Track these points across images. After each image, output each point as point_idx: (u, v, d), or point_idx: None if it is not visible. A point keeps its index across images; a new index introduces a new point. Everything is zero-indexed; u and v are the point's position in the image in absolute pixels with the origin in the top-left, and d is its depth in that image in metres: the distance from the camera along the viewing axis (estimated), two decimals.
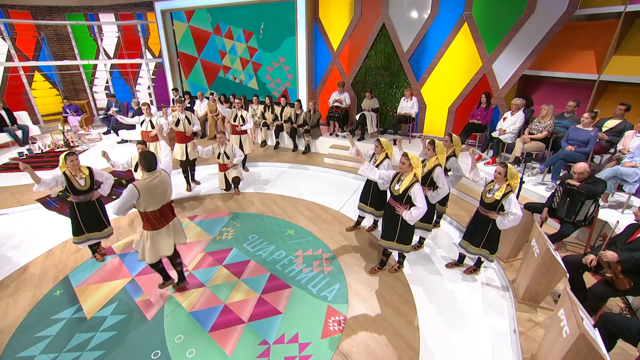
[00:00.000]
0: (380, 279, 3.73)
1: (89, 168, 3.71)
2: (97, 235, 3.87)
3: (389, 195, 3.50)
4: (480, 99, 5.99)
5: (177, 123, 5.53)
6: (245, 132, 6.39)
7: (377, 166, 3.95)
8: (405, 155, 3.25)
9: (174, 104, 9.02)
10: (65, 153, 3.56)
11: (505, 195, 3.14)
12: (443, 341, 2.99)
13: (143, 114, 5.55)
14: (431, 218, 4.01)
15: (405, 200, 3.23)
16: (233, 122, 6.24)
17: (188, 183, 5.88)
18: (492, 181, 3.34)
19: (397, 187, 3.31)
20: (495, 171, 3.22)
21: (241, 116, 6.22)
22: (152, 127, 5.54)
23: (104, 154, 4.17)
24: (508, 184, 3.16)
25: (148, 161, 2.92)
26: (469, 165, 3.70)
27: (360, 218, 4.63)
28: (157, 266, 3.34)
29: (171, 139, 6.89)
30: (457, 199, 5.38)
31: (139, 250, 3.15)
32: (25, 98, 9.50)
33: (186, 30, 9.43)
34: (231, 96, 8.24)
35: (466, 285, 3.66)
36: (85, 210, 3.69)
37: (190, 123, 5.61)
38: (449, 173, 4.03)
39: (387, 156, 3.98)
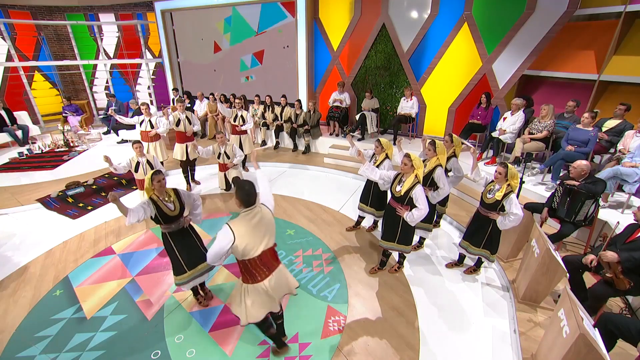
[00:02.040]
0: (380, 279, 3.73)
1: (174, 190, 3.04)
2: (201, 270, 3.18)
3: (389, 196, 3.49)
4: (480, 99, 5.99)
5: (178, 123, 5.54)
6: (245, 132, 6.39)
7: (377, 167, 3.94)
8: (407, 156, 3.24)
9: (174, 103, 9.04)
10: (151, 173, 2.89)
11: (505, 195, 3.14)
12: (443, 341, 2.99)
13: (142, 114, 5.55)
14: (431, 218, 4.01)
15: (407, 201, 3.22)
16: (233, 122, 6.24)
17: (188, 183, 5.88)
18: (493, 181, 3.33)
19: (398, 188, 3.30)
20: (496, 171, 3.21)
21: (241, 116, 6.22)
22: (152, 127, 5.54)
23: (107, 159, 4.15)
24: (508, 184, 3.16)
25: (247, 193, 2.21)
26: (470, 165, 3.70)
27: (360, 218, 4.63)
28: (264, 325, 2.62)
29: (171, 139, 6.91)
30: (457, 199, 5.38)
31: (240, 312, 2.44)
32: (25, 98, 9.50)
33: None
34: (231, 96, 8.24)
35: (466, 286, 3.66)
36: (181, 241, 3.04)
37: (190, 123, 5.62)
38: (450, 174, 4.02)
39: (387, 156, 3.97)
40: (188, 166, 5.75)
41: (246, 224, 2.21)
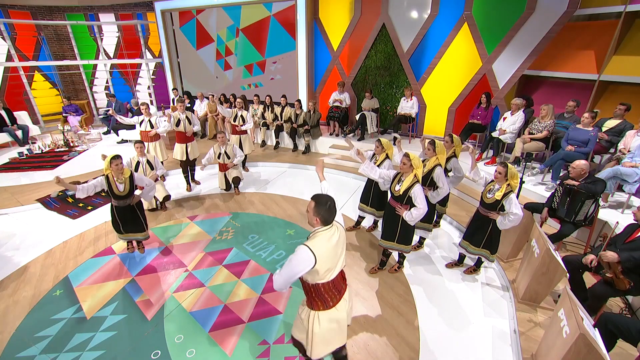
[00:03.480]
0: (380, 279, 3.73)
1: (130, 174, 3.67)
2: (134, 236, 3.96)
3: (389, 195, 3.50)
4: (480, 99, 5.99)
5: (178, 123, 5.53)
6: (245, 132, 6.39)
7: (377, 167, 3.95)
8: (406, 155, 3.25)
9: (174, 103, 9.05)
10: (111, 156, 3.55)
11: (505, 195, 3.14)
12: (443, 341, 2.99)
13: (142, 113, 5.55)
14: (431, 218, 4.01)
15: (406, 200, 3.23)
16: (233, 122, 6.24)
17: (188, 183, 5.88)
18: (492, 181, 3.33)
19: (397, 187, 3.31)
20: (496, 171, 3.21)
21: (241, 116, 6.21)
22: (151, 126, 5.54)
23: (104, 158, 4.15)
24: (508, 184, 3.16)
25: (330, 210, 1.93)
26: (469, 165, 3.70)
27: (361, 218, 4.63)
28: None
29: (171, 138, 6.91)
30: (457, 199, 5.38)
31: (305, 340, 2.17)
32: (25, 98, 9.51)
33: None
34: (231, 96, 8.24)
35: (466, 285, 3.66)
36: (123, 214, 3.77)
37: (190, 123, 5.61)
38: (450, 174, 4.03)
39: (387, 156, 3.98)
40: (188, 166, 5.75)
41: (326, 244, 1.92)
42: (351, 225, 4.72)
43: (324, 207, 1.91)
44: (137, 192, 3.85)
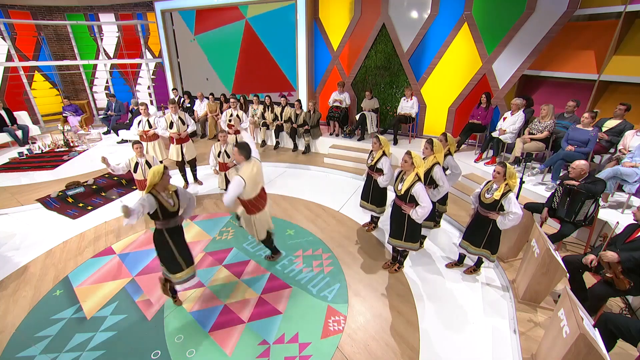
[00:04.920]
0: (380, 279, 3.73)
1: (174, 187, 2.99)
2: (195, 268, 3.18)
3: (393, 194, 3.52)
4: (480, 99, 5.99)
5: (171, 125, 5.46)
6: (240, 131, 6.36)
7: (375, 164, 4.03)
8: (408, 153, 3.26)
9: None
10: (162, 167, 2.78)
11: (504, 195, 3.14)
12: (443, 341, 2.99)
13: (141, 114, 5.55)
14: (433, 216, 4.03)
15: (409, 199, 3.25)
16: (229, 122, 6.22)
17: (186, 181, 5.90)
18: (490, 181, 3.34)
19: (399, 186, 3.32)
20: (494, 171, 3.22)
21: (237, 115, 6.20)
22: (150, 126, 5.54)
23: (104, 160, 4.16)
24: (507, 184, 3.17)
25: (247, 150, 3.18)
26: (468, 164, 3.72)
27: (376, 218, 4.66)
28: (269, 240, 3.80)
29: (170, 138, 6.90)
30: (457, 198, 5.38)
31: (254, 232, 3.54)
32: (25, 98, 9.50)
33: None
34: (222, 96, 8.25)
35: (466, 285, 3.66)
36: (177, 239, 2.99)
37: (184, 124, 5.56)
38: (447, 172, 4.04)
39: (384, 153, 4.01)
40: (183, 165, 5.75)
41: (249, 172, 3.13)
42: (364, 225, 4.76)
43: (244, 149, 3.16)
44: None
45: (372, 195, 4.28)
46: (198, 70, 9.78)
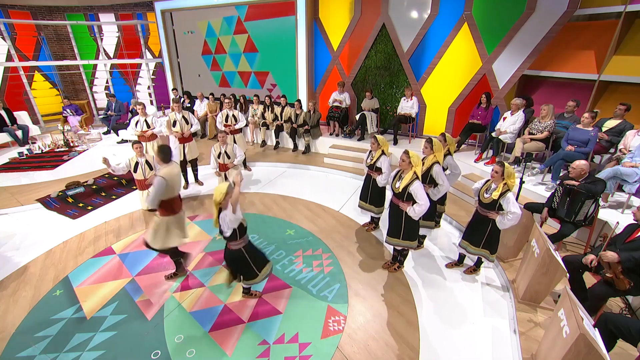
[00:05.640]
0: (380, 279, 3.73)
1: None
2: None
3: (391, 193, 3.52)
4: (481, 99, 5.98)
5: (174, 124, 5.49)
6: (238, 131, 6.36)
7: (374, 163, 4.04)
8: (405, 152, 3.28)
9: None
10: (227, 187, 2.80)
11: (502, 194, 3.15)
12: (443, 341, 2.99)
13: (138, 113, 5.55)
14: (432, 216, 4.04)
15: (406, 197, 3.26)
16: (225, 122, 6.22)
17: (186, 181, 5.91)
18: (489, 180, 3.34)
19: (397, 184, 3.33)
20: (493, 170, 3.23)
21: (233, 115, 6.19)
22: (148, 126, 5.54)
23: (105, 161, 4.17)
24: (505, 183, 3.17)
25: (165, 154, 3.30)
26: (467, 164, 3.72)
27: (376, 217, 4.66)
28: (175, 251, 3.58)
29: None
30: (456, 198, 5.38)
31: (156, 239, 3.33)
32: (25, 98, 9.50)
33: None
34: (221, 96, 8.25)
35: (466, 285, 3.66)
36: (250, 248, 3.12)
37: (187, 123, 5.58)
38: (447, 172, 4.05)
39: (383, 153, 4.02)
40: (185, 165, 5.75)
41: (170, 173, 3.23)
42: (364, 226, 4.75)
43: (163, 153, 3.28)
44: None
45: (371, 195, 4.29)
46: (195, 66, 9.80)
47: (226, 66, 9.28)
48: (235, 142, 6.29)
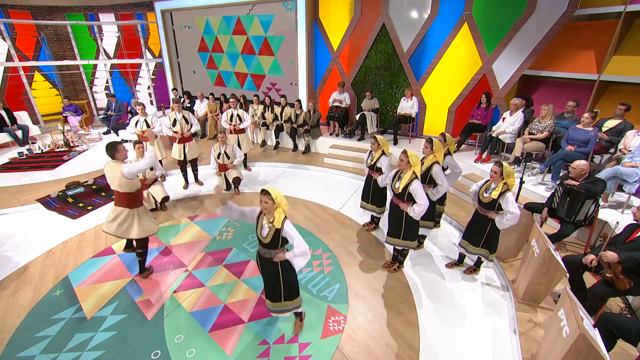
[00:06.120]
0: (380, 279, 3.73)
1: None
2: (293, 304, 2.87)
3: (391, 193, 3.52)
4: (481, 99, 5.99)
5: (174, 123, 5.47)
6: (242, 131, 6.36)
7: (374, 163, 4.04)
8: (404, 152, 3.29)
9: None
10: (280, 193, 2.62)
11: (502, 194, 3.15)
12: (443, 341, 2.99)
13: (138, 113, 5.55)
14: (432, 216, 4.04)
15: (406, 197, 3.26)
16: (230, 122, 6.22)
17: (186, 181, 5.91)
18: (489, 180, 3.34)
19: (397, 185, 3.34)
20: (491, 170, 3.23)
21: (237, 115, 6.20)
22: (148, 126, 5.54)
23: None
24: (504, 183, 3.17)
25: (110, 150, 3.43)
26: (467, 163, 3.72)
27: (377, 217, 4.66)
28: (144, 249, 3.66)
29: (170, 137, 6.89)
30: (456, 198, 5.38)
31: (133, 230, 3.48)
32: (25, 98, 9.50)
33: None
34: (221, 96, 8.25)
35: (466, 285, 3.66)
36: (265, 272, 2.78)
37: (187, 122, 5.57)
38: (447, 171, 4.05)
39: (383, 153, 4.02)
40: (185, 165, 5.75)
41: (107, 166, 3.52)
42: (364, 225, 4.75)
43: (107, 149, 3.41)
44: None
45: (372, 195, 4.30)
46: (190, 62, 9.81)
47: (223, 65, 9.28)
48: (239, 141, 6.30)
